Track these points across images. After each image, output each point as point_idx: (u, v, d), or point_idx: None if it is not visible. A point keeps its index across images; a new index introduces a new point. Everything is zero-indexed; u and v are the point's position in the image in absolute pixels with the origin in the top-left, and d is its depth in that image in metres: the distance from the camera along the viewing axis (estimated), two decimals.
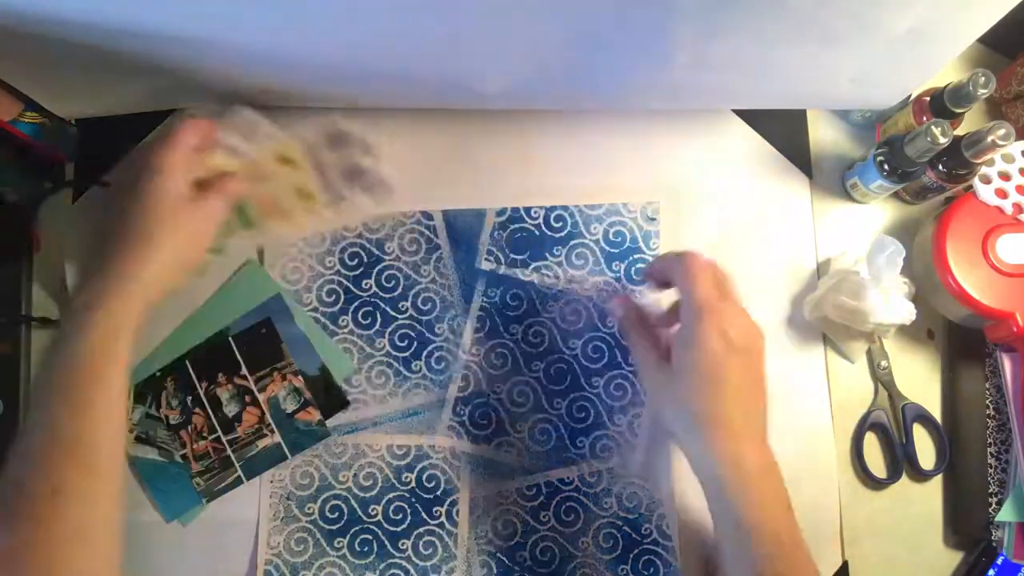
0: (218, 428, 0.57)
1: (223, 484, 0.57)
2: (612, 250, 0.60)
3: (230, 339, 0.58)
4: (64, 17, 0.44)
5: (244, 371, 0.58)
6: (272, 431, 0.58)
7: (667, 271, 0.49)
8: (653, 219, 0.61)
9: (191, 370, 0.58)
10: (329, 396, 0.58)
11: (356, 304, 0.59)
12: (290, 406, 0.58)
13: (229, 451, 0.57)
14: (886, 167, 0.57)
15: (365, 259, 0.60)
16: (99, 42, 0.48)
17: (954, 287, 0.56)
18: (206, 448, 0.57)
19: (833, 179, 0.64)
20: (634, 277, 0.60)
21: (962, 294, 0.56)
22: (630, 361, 0.59)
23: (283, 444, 0.57)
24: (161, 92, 0.58)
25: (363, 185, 0.58)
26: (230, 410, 0.58)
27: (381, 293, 0.59)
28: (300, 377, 0.58)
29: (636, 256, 0.60)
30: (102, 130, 0.61)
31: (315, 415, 0.58)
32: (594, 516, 0.58)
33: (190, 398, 0.58)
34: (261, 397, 0.58)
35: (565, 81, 0.56)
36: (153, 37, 0.47)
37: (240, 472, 0.57)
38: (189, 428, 0.57)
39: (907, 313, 0.57)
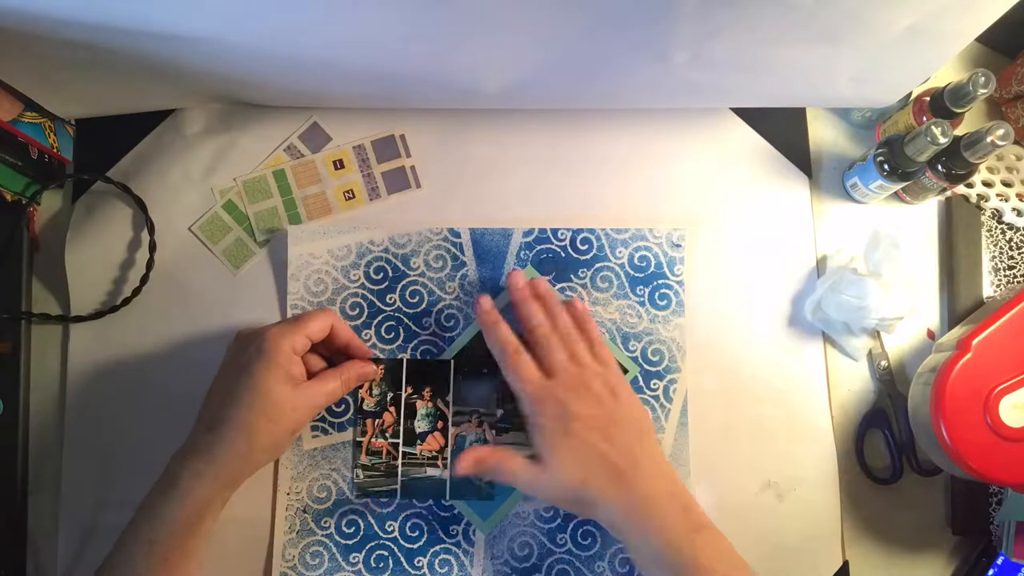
0: (401, 435, 0.57)
1: (378, 488, 0.57)
2: (636, 274, 0.60)
3: (452, 361, 0.58)
4: (64, 17, 0.44)
5: (449, 398, 0.58)
6: (445, 467, 0.57)
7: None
8: (679, 245, 0.61)
9: (404, 370, 0.58)
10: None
11: (380, 318, 0.59)
12: None
13: (399, 462, 0.57)
14: (886, 167, 0.57)
15: (390, 273, 0.60)
16: (99, 42, 0.48)
17: (963, 464, 0.52)
18: (382, 447, 0.57)
19: (833, 179, 0.64)
20: (658, 302, 0.60)
21: (972, 471, 0.52)
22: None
23: (448, 484, 0.57)
24: (161, 92, 0.59)
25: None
26: (420, 426, 0.58)
27: (405, 308, 0.59)
28: (494, 431, 0.57)
29: (660, 281, 0.60)
30: (102, 130, 0.61)
31: None
32: (611, 541, 0.57)
33: (391, 395, 0.58)
34: (451, 430, 0.58)
35: (564, 80, 0.56)
36: (153, 37, 0.47)
37: (398, 488, 0.57)
38: (377, 421, 0.58)
39: (909, 306, 0.56)
